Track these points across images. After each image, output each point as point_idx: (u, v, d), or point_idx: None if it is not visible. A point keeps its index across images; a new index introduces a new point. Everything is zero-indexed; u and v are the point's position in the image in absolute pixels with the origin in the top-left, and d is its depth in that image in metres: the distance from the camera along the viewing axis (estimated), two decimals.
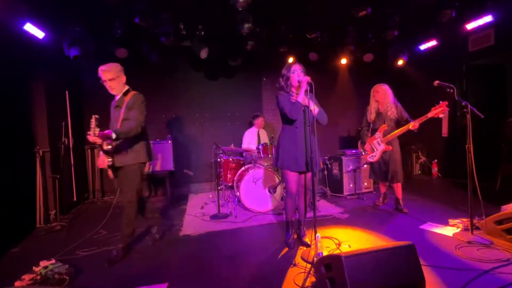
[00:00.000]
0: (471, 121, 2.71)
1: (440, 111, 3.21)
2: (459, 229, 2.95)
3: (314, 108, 2.54)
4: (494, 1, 4.12)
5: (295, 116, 2.54)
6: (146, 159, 2.74)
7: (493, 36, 4.39)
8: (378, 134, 3.69)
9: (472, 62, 5.01)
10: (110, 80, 2.60)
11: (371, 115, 3.79)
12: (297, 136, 2.62)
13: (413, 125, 3.36)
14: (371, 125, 3.85)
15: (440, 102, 3.22)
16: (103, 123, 2.51)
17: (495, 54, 4.56)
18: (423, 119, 3.31)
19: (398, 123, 3.62)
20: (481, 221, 2.86)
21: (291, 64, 2.63)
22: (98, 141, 2.39)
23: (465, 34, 4.73)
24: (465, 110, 2.73)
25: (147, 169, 4.63)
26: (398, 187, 3.71)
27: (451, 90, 2.80)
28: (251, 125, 5.23)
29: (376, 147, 3.71)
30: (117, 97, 2.70)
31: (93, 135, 2.32)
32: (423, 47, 5.39)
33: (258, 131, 5.11)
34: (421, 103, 3.35)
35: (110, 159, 2.55)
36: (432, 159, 5.77)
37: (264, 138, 5.09)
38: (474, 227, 2.76)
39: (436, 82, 2.89)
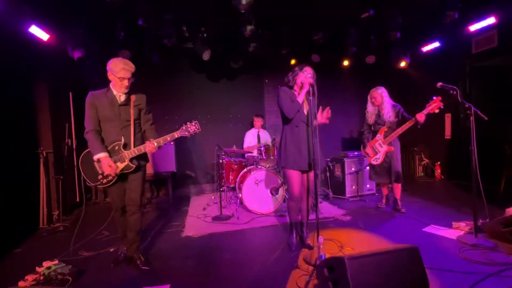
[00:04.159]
0: (475, 123, 2.70)
1: (435, 106, 3.26)
2: (463, 232, 2.92)
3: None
4: (497, 3, 4.11)
5: (292, 115, 2.60)
6: None
7: (497, 38, 4.37)
8: (378, 136, 3.71)
9: (476, 64, 4.98)
10: (132, 77, 2.41)
11: (371, 119, 3.83)
12: (298, 135, 2.65)
13: (419, 116, 3.29)
14: (372, 128, 3.87)
15: (434, 97, 3.26)
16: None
17: (498, 55, 4.53)
18: (424, 113, 3.33)
19: (399, 125, 3.63)
20: (485, 224, 2.84)
21: (305, 65, 2.69)
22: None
23: (468, 36, 4.71)
24: (468, 112, 2.72)
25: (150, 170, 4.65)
26: (398, 188, 3.78)
27: (454, 92, 2.79)
28: (252, 126, 5.24)
29: (378, 149, 3.72)
30: (118, 94, 2.43)
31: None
32: (426, 48, 5.37)
33: (258, 132, 5.12)
34: (424, 105, 3.35)
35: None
36: (435, 161, 5.73)
37: (265, 139, 5.09)
38: (478, 230, 2.74)
39: (439, 84, 2.88)
